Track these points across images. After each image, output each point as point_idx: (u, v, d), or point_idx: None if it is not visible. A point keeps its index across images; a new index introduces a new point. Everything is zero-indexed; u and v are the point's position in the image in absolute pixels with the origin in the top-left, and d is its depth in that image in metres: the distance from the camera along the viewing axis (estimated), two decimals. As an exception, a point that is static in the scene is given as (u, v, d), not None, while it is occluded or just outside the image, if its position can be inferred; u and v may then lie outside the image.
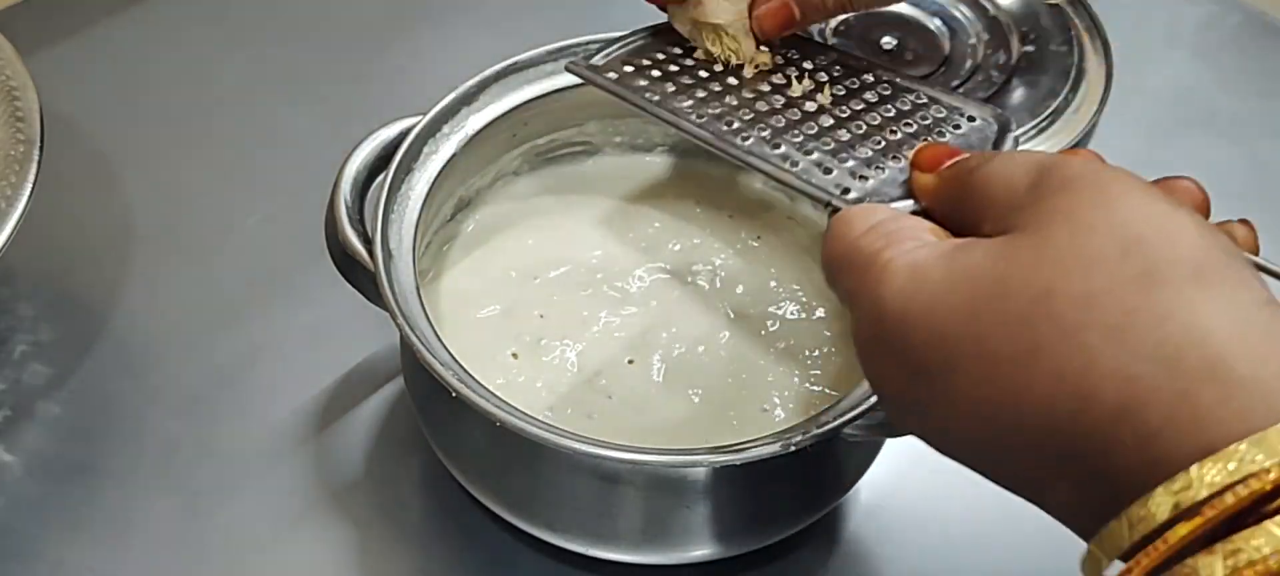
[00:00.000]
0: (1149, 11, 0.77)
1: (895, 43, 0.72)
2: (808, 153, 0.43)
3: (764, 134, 0.44)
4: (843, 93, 0.46)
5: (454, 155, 0.51)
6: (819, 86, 0.46)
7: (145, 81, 0.69)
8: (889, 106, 0.45)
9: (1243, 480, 0.26)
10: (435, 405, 0.49)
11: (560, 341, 0.50)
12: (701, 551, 0.48)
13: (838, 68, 0.47)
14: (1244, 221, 0.35)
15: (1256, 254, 0.35)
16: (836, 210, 0.39)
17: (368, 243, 0.47)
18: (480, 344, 0.50)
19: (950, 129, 0.44)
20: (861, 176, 0.41)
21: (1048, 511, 0.31)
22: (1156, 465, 0.28)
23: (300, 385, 0.57)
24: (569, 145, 0.56)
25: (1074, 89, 0.70)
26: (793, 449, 0.42)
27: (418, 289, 0.46)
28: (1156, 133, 0.71)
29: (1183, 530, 0.27)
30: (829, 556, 0.53)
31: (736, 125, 0.44)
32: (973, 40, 0.72)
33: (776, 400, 0.49)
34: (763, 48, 0.47)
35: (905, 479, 0.54)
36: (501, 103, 0.52)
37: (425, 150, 0.50)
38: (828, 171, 0.42)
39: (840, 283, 0.35)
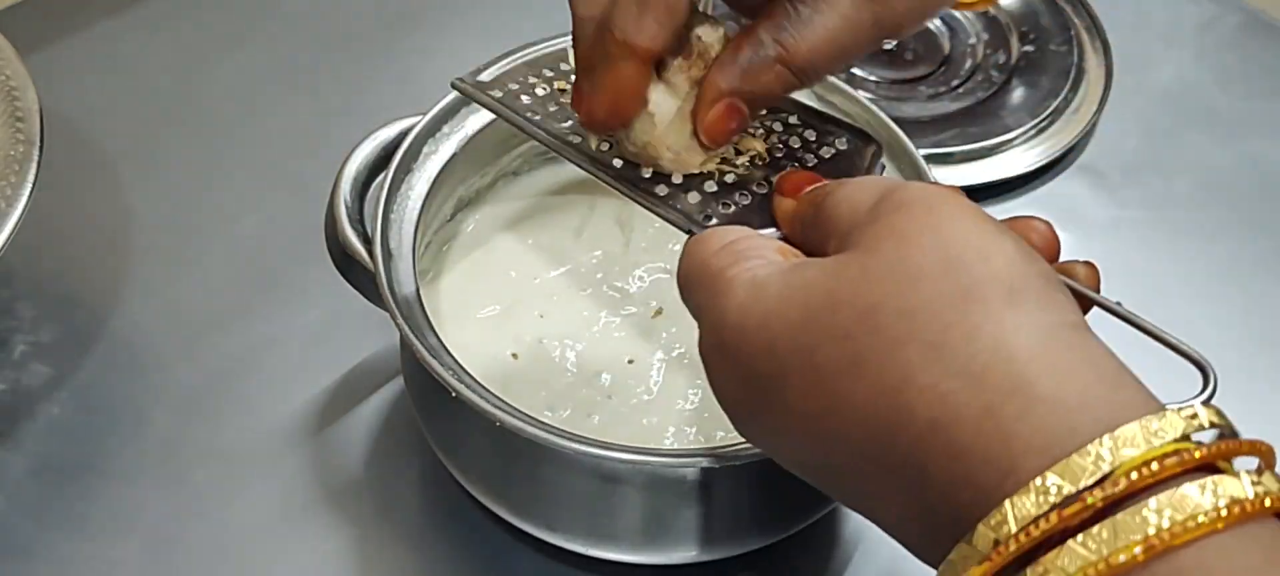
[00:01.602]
0: (1149, 11, 0.77)
1: (895, 43, 0.72)
2: (677, 180, 0.41)
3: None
4: None
5: (454, 155, 0.51)
6: None
7: (145, 81, 0.69)
8: (762, 131, 0.43)
9: (1052, 509, 0.27)
10: (435, 405, 0.49)
11: (560, 341, 0.51)
12: (701, 551, 0.48)
13: None
14: (1088, 263, 0.36)
15: (1097, 290, 0.36)
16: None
17: (368, 243, 0.47)
18: (480, 344, 0.50)
19: (819, 155, 0.43)
20: (726, 203, 0.41)
21: (884, 529, 0.32)
22: (967, 478, 0.29)
23: (300, 385, 0.57)
24: (569, 145, 0.56)
25: (1074, 89, 0.70)
26: (793, 449, 0.42)
27: (418, 289, 0.46)
28: (1156, 133, 0.71)
29: (998, 560, 0.28)
30: (829, 556, 0.53)
31: (609, 148, 0.42)
32: (972, 40, 0.72)
33: (776, 400, 0.49)
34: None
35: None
36: (502, 103, 0.52)
37: (425, 150, 0.50)
38: (694, 198, 0.41)
39: (691, 298, 0.37)
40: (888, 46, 0.71)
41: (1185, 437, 0.28)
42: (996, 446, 0.28)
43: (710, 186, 0.41)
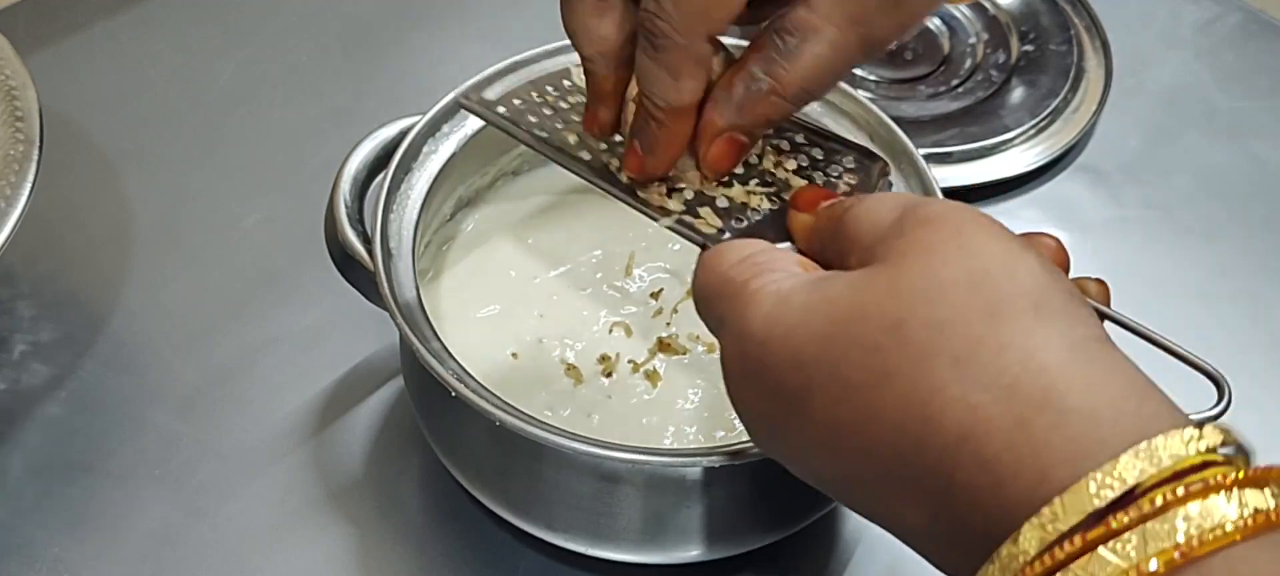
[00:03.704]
0: (1149, 11, 0.77)
1: (894, 43, 0.72)
2: (689, 195, 0.42)
3: None
4: None
5: (454, 155, 0.51)
6: None
7: (145, 81, 0.69)
8: (769, 149, 0.44)
9: (1097, 516, 0.27)
10: (435, 405, 0.49)
11: (560, 341, 0.51)
12: (701, 551, 0.48)
13: None
14: (1098, 279, 0.37)
15: (1108, 305, 0.36)
16: None
17: (368, 242, 0.47)
18: (480, 344, 0.50)
19: (827, 174, 0.43)
20: (738, 218, 0.41)
21: (903, 539, 0.33)
22: (997, 488, 0.29)
23: (300, 385, 0.57)
24: (569, 145, 0.56)
25: (1074, 89, 0.70)
26: (793, 448, 0.42)
27: (418, 289, 0.46)
28: (1156, 133, 0.71)
29: (1048, 560, 0.28)
30: (829, 556, 0.53)
31: (618, 163, 0.43)
32: (972, 40, 0.72)
33: (776, 400, 0.49)
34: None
35: (905, 479, 0.53)
36: (501, 103, 0.52)
37: (425, 150, 0.50)
38: (707, 214, 0.41)
39: (711, 312, 0.36)
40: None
41: (1212, 451, 0.28)
42: (1027, 457, 0.29)
43: (722, 202, 0.42)
